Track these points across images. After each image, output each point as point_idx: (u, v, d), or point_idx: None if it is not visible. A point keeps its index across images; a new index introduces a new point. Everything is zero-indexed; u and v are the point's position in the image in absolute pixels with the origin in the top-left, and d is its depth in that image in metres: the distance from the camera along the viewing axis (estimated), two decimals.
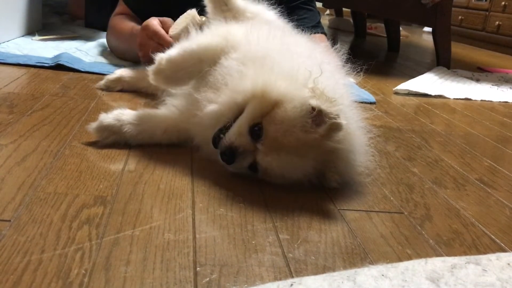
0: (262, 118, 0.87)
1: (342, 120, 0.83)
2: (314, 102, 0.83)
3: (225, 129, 0.90)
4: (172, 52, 1.02)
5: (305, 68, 0.88)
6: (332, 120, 0.82)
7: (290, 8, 1.73)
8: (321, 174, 0.91)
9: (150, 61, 1.23)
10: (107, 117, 1.01)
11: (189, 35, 1.21)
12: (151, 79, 1.04)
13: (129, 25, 1.70)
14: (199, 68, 1.00)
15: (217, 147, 0.91)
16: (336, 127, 0.83)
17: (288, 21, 1.25)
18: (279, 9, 1.27)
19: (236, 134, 0.88)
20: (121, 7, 1.82)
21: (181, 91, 1.09)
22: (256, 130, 0.87)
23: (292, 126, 0.85)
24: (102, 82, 1.45)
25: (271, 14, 1.25)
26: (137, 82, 1.44)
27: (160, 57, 1.02)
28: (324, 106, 0.83)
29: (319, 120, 0.84)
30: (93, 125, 1.01)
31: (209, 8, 1.25)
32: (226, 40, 1.01)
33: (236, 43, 1.00)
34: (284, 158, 0.86)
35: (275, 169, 0.88)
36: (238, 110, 0.90)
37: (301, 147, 0.85)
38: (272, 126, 0.86)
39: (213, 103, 0.93)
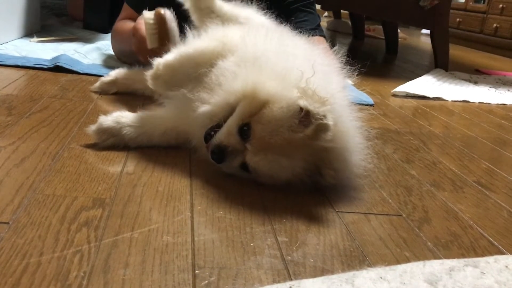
0: (251, 118, 0.87)
1: (329, 121, 0.82)
2: (301, 103, 0.83)
3: (216, 127, 0.91)
4: (169, 57, 1.02)
5: (297, 69, 0.88)
6: (318, 121, 0.82)
7: (290, 10, 1.74)
8: (315, 173, 0.90)
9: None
10: (107, 120, 1.01)
11: (170, 30, 1.25)
12: (149, 84, 1.04)
13: (129, 26, 1.69)
14: (196, 72, 1.00)
15: (207, 143, 0.91)
16: (323, 128, 0.83)
17: (284, 23, 1.24)
18: (271, 11, 1.27)
19: (225, 133, 0.89)
20: (124, 12, 1.82)
21: (179, 92, 1.09)
22: (245, 130, 0.87)
23: (278, 126, 0.85)
24: (96, 85, 1.43)
25: (262, 18, 1.24)
26: (132, 84, 1.43)
27: (158, 62, 1.02)
28: (312, 107, 0.82)
29: (307, 121, 0.84)
30: (93, 127, 1.01)
31: (195, 18, 1.23)
32: (223, 43, 1.01)
33: (234, 46, 1.00)
34: (271, 158, 0.86)
35: (263, 169, 0.88)
36: (230, 110, 0.91)
37: (288, 147, 0.85)
38: (259, 126, 0.86)
39: (206, 104, 0.94)
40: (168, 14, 1.29)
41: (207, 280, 0.63)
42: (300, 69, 0.88)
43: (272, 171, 0.88)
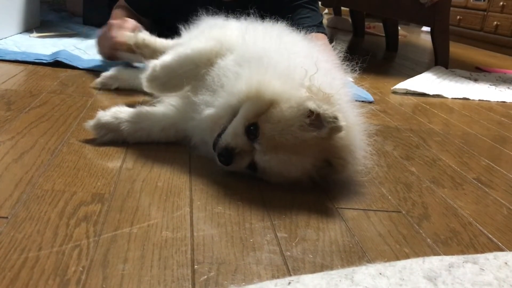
0: (257, 118, 0.87)
1: (342, 122, 0.82)
2: (311, 106, 0.83)
3: (223, 132, 0.90)
4: (166, 58, 1.01)
5: (301, 67, 0.88)
6: (331, 124, 0.82)
7: (293, 7, 1.74)
8: (324, 167, 0.90)
9: (105, 56, 1.50)
10: (105, 115, 1.00)
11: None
12: (145, 86, 1.02)
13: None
14: (194, 73, 0.99)
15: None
16: (336, 130, 0.83)
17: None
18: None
19: (231, 135, 0.89)
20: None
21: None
22: (252, 130, 0.87)
23: (289, 126, 0.84)
24: (98, 80, 1.43)
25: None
26: (134, 80, 1.43)
27: (154, 64, 1.01)
28: (322, 110, 0.82)
29: (318, 123, 0.84)
30: (91, 122, 1.01)
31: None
32: (220, 43, 1.00)
33: (232, 45, 0.99)
34: (282, 156, 0.86)
35: (273, 168, 0.88)
36: (235, 112, 0.90)
37: (299, 145, 0.85)
38: (269, 126, 0.85)
39: (210, 107, 0.93)
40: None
41: (206, 276, 0.63)
42: (303, 66, 0.87)
43: (282, 169, 0.88)
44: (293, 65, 0.90)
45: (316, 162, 0.88)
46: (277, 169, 0.88)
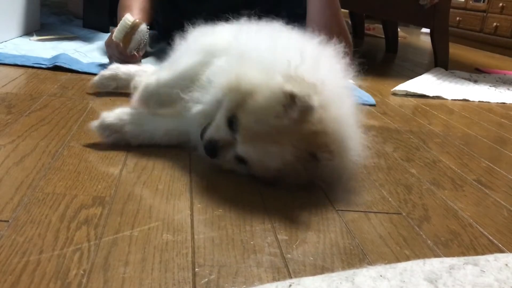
0: (237, 110, 0.88)
1: (314, 102, 0.80)
2: (286, 87, 0.82)
3: (209, 125, 0.92)
4: (160, 75, 1.03)
5: (285, 59, 0.87)
6: (302, 103, 0.80)
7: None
8: (309, 160, 0.87)
9: (114, 60, 1.56)
10: (109, 116, 1.01)
11: (133, 39, 1.58)
12: (141, 104, 1.04)
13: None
14: (190, 87, 1.00)
15: None
16: (307, 109, 0.81)
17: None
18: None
19: (214, 128, 0.91)
20: None
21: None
22: (233, 122, 0.88)
23: (263, 115, 0.84)
24: (96, 79, 1.39)
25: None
26: (133, 80, 1.41)
27: (147, 82, 1.03)
28: (296, 89, 0.81)
29: (293, 105, 0.82)
30: (95, 123, 1.01)
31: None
32: (209, 53, 1.01)
33: (223, 50, 1.00)
34: (260, 146, 0.86)
35: (253, 158, 0.88)
36: (220, 107, 0.91)
37: (276, 134, 0.85)
38: (245, 116, 0.86)
39: (198, 104, 0.95)
40: (142, 27, 1.61)
41: (207, 278, 0.63)
42: (287, 59, 0.87)
43: (261, 159, 0.88)
44: (278, 58, 0.89)
45: (298, 153, 0.86)
46: (257, 160, 0.88)
